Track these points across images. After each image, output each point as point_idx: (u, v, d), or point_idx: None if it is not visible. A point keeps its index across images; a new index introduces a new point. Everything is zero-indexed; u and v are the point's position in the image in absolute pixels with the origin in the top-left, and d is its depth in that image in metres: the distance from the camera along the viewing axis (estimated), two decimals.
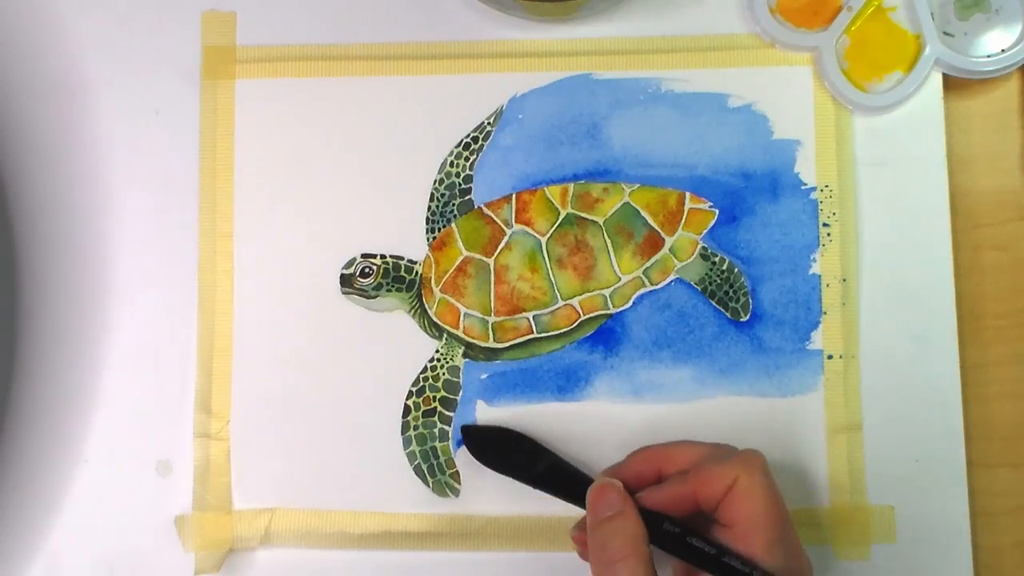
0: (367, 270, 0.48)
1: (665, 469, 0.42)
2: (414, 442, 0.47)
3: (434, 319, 0.48)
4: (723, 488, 0.39)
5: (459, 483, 0.47)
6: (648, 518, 0.40)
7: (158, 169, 0.49)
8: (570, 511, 0.44)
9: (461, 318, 0.48)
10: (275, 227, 0.48)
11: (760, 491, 0.39)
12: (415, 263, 0.48)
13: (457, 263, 0.48)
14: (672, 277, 0.47)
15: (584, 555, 0.42)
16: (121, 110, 0.49)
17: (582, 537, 0.42)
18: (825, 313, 0.47)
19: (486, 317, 0.48)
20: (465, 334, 0.48)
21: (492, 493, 0.47)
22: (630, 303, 0.47)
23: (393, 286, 0.48)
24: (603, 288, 0.47)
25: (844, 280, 0.47)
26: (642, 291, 0.47)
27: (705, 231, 0.48)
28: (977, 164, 0.48)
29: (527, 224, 0.48)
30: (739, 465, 0.39)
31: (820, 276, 0.47)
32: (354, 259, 0.48)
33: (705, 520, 0.41)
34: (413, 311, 0.48)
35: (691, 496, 0.40)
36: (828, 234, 0.47)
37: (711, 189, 0.48)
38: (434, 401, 0.47)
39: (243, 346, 0.48)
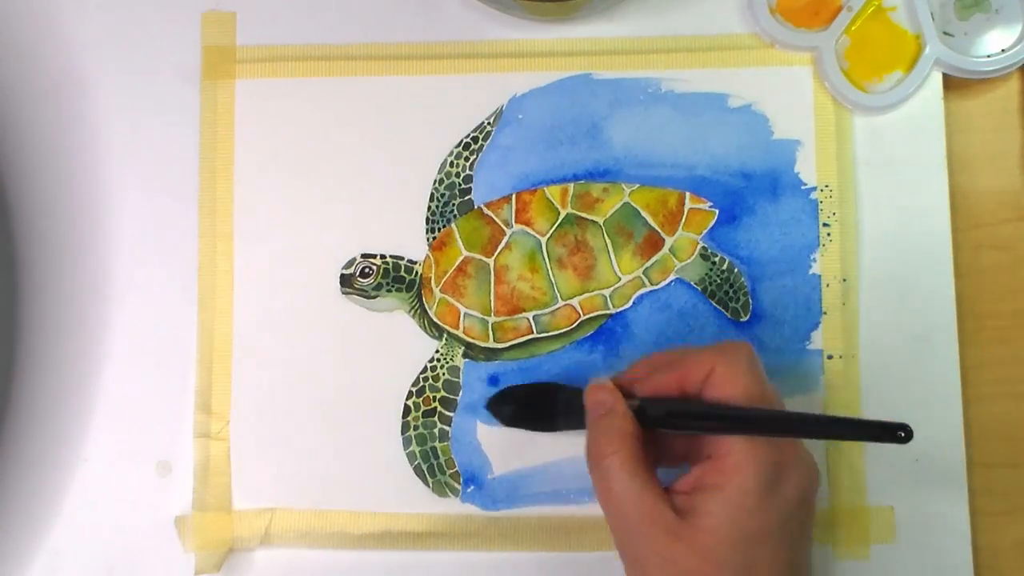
0: (367, 270, 0.48)
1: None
2: (414, 442, 0.47)
3: (434, 319, 0.48)
4: (702, 373, 0.40)
5: (459, 483, 0.47)
6: (647, 409, 0.41)
7: (158, 169, 0.49)
8: (569, 511, 0.45)
9: (461, 318, 0.48)
10: (275, 227, 0.48)
11: (739, 376, 0.39)
12: (415, 263, 0.48)
13: (457, 263, 0.48)
14: (672, 277, 0.47)
15: None
16: (121, 110, 0.49)
17: None
18: (825, 313, 0.47)
19: (486, 317, 0.48)
20: (465, 334, 0.48)
21: (492, 493, 0.47)
22: (630, 303, 0.47)
23: (393, 286, 0.48)
24: (603, 288, 0.47)
25: (844, 280, 0.47)
26: (642, 291, 0.47)
27: (705, 231, 0.48)
28: (977, 164, 0.48)
29: (527, 224, 0.48)
30: (718, 351, 0.40)
31: (820, 276, 0.47)
32: (354, 259, 0.48)
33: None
34: (413, 311, 0.48)
35: (676, 383, 0.41)
36: (828, 234, 0.47)
37: (711, 189, 0.48)
38: (434, 401, 0.47)
39: (243, 346, 0.48)
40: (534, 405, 0.45)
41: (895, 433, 0.38)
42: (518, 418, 0.45)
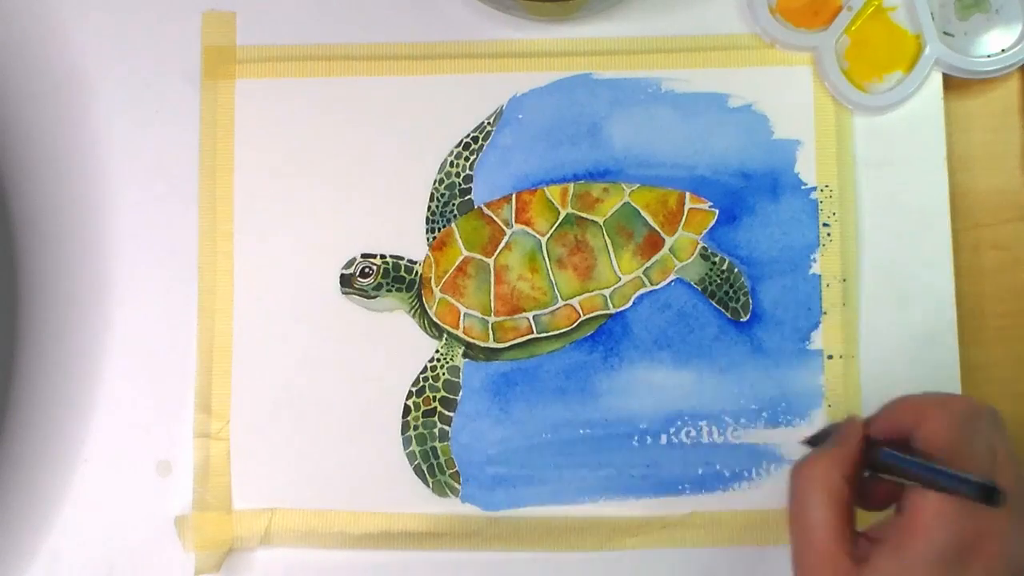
0: (367, 270, 0.48)
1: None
2: (414, 442, 0.47)
3: (434, 319, 0.48)
4: (915, 421, 0.36)
5: (459, 483, 0.47)
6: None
7: (158, 169, 0.49)
8: (569, 511, 0.45)
9: (461, 318, 0.48)
10: (275, 227, 0.48)
11: (947, 429, 0.36)
12: (415, 263, 0.48)
13: (457, 263, 0.48)
14: (672, 277, 0.47)
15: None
16: (121, 110, 0.49)
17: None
18: (825, 313, 0.47)
19: (486, 317, 0.48)
20: (465, 334, 0.48)
21: (492, 493, 0.47)
22: (630, 303, 0.47)
23: (393, 286, 0.48)
24: (603, 288, 0.47)
25: (844, 280, 0.47)
26: (642, 291, 0.47)
27: (705, 231, 0.48)
28: (977, 164, 0.48)
29: (527, 224, 0.48)
30: (932, 401, 0.37)
31: (820, 276, 0.47)
32: (354, 259, 0.48)
33: None
34: (413, 311, 0.48)
35: (901, 428, 0.37)
36: (828, 234, 0.47)
37: (711, 189, 0.48)
38: (434, 401, 0.47)
39: (243, 346, 0.48)
40: None
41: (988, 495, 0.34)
42: None
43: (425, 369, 0.47)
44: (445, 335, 0.48)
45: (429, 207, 0.48)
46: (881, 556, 0.35)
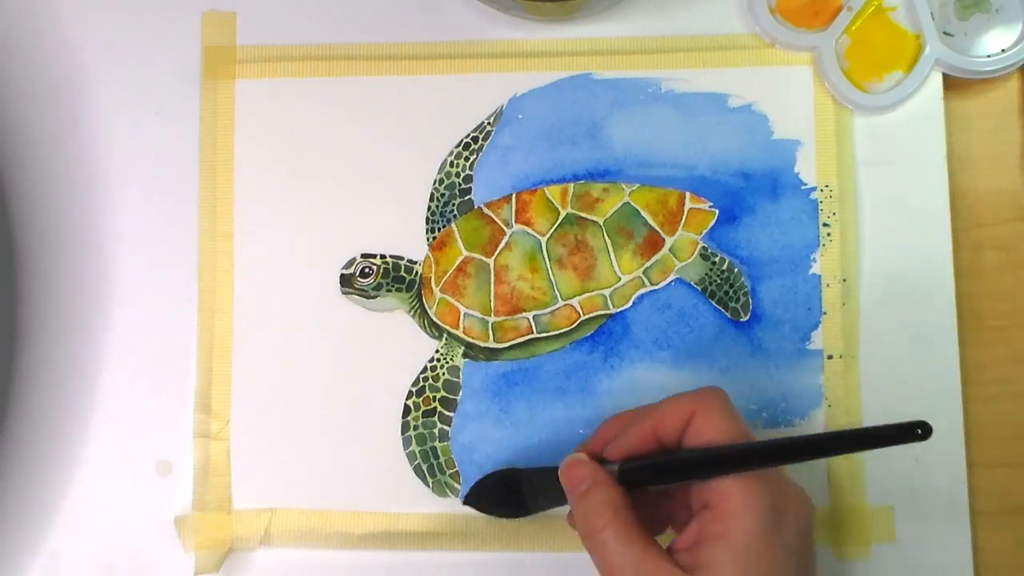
0: (367, 270, 0.48)
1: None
2: (414, 442, 0.47)
3: (434, 319, 0.48)
4: (680, 421, 0.39)
5: (459, 483, 0.47)
6: (630, 471, 0.39)
7: (158, 169, 0.49)
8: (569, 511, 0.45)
9: (461, 318, 0.48)
10: (275, 227, 0.48)
11: (722, 419, 0.38)
12: (415, 263, 0.48)
13: (457, 263, 0.48)
14: (672, 277, 0.47)
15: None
16: (121, 110, 0.49)
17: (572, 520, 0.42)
18: (825, 313, 0.47)
19: (486, 317, 0.48)
20: (465, 334, 0.48)
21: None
22: (630, 303, 0.47)
23: (393, 286, 0.48)
24: (603, 288, 0.47)
25: (844, 280, 0.47)
26: (642, 291, 0.47)
27: (705, 231, 0.48)
28: (977, 164, 0.48)
29: (527, 224, 0.48)
30: (693, 398, 0.39)
31: (820, 276, 0.47)
32: (354, 259, 0.48)
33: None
34: (413, 311, 0.48)
35: (652, 434, 0.39)
36: (828, 234, 0.47)
37: (711, 189, 0.48)
38: (434, 401, 0.47)
39: (243, 346, 0.48)
40: (506, 493, 0.45)
41: (913, 431, 0.35)
42: (493, 508, 0.46)
43: (425, 369, 0.47)
44: (445, 335, 0.48)
45: (429, 207, 0.48)
46: (714, 551, 0.36)
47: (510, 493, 0.45)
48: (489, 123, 0.48)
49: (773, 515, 0.37)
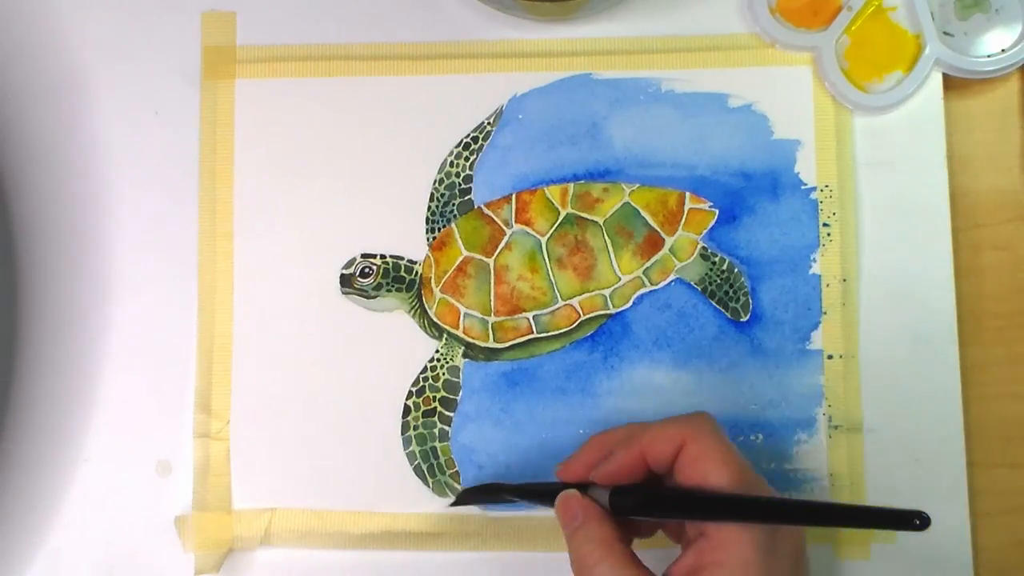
0: (367, 270, 0.48)
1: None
2: (414, 442, 0.47)
3: (434, 319, 0.48)
4: (671, 447, 0.38)
5: (459, 483, 0.47)
6: (618, 501, 0.39)
7: (158, 169, 0.49)
8: None
9: (461, 318, 0.48)
10: (275, 227, 0.48)
11: (714, 451, 0.38)
12: (415, 263, 0.48)
13: (457, 263, 0.48)
14: (672, 277, 0.47)
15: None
16: (121, 110, 0.49)
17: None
18: (825, 313, 0.47)
19: (486, 317, 0.48)
20: (465, 334, 0.48)
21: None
22: (630, 303, 0.47)
23: (393, 286, 0.48)
24: (603, 288, 0.47)
25: (844, 280, 0.47)
26: (642, 291, 0.47)
27: (705, 231, 0.48)
28: (977, 164, 0.48)
29: (527, 224, 0.48)
30: (684, 424, 0.39)
31: (820, 276, 0.47)
32: (354, 259, 0.48)
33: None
34: (413, 311, 0.48)
35: (640, 460, 0.39)
36: (828, 234, 0.47)
37: (711, 189, 0.48)
38: (434, 401, 0.47)
39: (243, 346, 0.48)
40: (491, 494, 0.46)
41: (911, 521, 0.34)
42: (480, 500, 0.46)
43: (425, 369, 0.47)
44: (445, 335, 0.48)
45: (429, 207, 0.48)
46: None
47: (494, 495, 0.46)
48: (489, 123, 0.48)
49: (769, 543, 0.37)
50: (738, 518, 0.37)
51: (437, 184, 0.48)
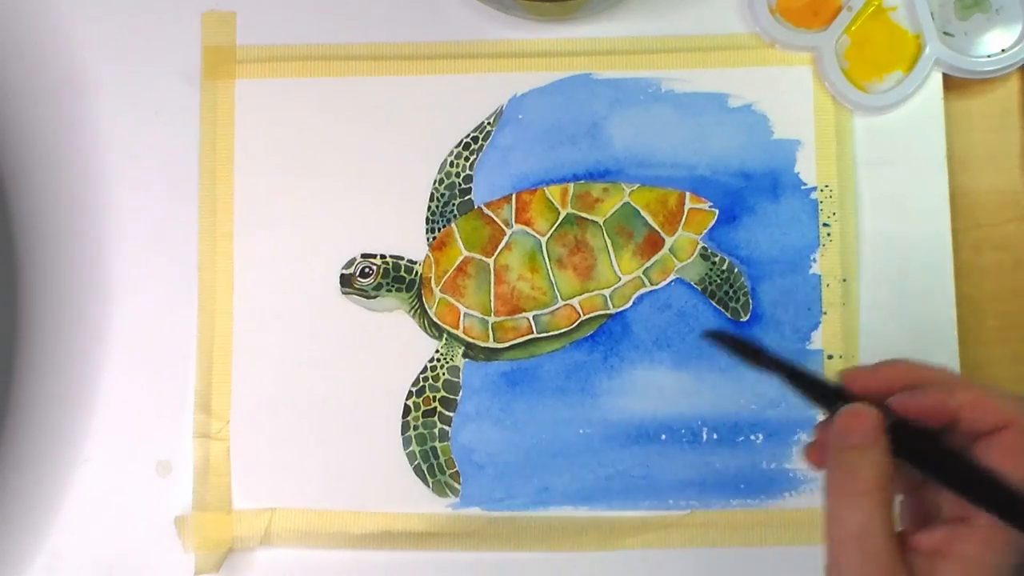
0: (367, 270, 0.48)
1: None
2: (414, 442, 0.47)
3: (434, 319, 0.48)
4: (995, 419, 0.33)
5: (459, 483, 0.47)
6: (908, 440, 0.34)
7: (158, 169, 0.49)
8: (569, 511, 0.45)
9: (461, 318, 0.48)
10: (275, 227, 0.48)
11: None
12: (415, 263, 0.48)
13: (457, 263, 0.48)
14: (672, 277, 0.47)
15: (815, 463, 0.37)
16: (121, 110, 0.49)
17: (815, 453, 0.37)
18: (825, 313, 0.47)
19: (486, 317, 0.48)
20: (465, 334, 0.48)
21: (492, 493, 0.47)
22: (630, 303, 0.47)
23: (393, 286, 0.48)
24: (603, 288, 0.47)
25: (844, 280, 0.47)
26: (642, 291, 0.47)
27: (705, 231, 0.48)
28: (977, 164, 0.48)
29: (527, 224, 0.48)
30: (1019, 406, 0.33)
31: (820, 276, 0.47)
32: (354, 259, 0.48)
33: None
34: (413, 311, 0.48)
35: (951, 413, 0.34)
36: (828, 234, 0.47)
37: (711, 189, 0.48)
38: (434, 401, 0.47)
39: (243, 346, 0.48)
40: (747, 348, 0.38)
41: None
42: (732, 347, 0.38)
43: (425, 369, 0.47)
44: (445, 335, 0.48)
45: (429, 207, 0.48)
46: (950, 572, 0.33)
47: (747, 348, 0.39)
48: (489, 123, 0.48)
49: (1020, 556, 0.33)
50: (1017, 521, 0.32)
51: (437, 184, 0.48)
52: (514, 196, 0.48)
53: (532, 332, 0.47)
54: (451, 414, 0.47)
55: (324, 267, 0.48)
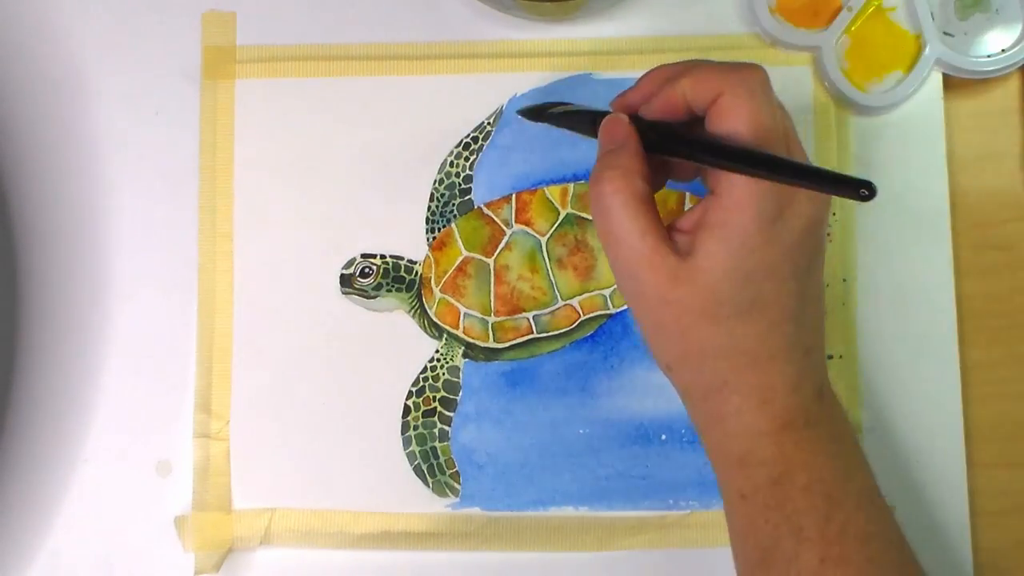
0: (367, 270, 0.48)
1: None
2: (414, 442, 0.47)
3: (434, 319, 0.48)
4: (710, 94, 0.36)
5: (459, 483, 0.47)
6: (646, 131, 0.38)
7: (158, 169, 0.49)
8: (569, 511, 0.45)
9: (461, 318, 0.48)
10: (275, 227, 0.48)
11: (744, 106, 0.35)
12: (415, 263, 0.48)
13: (457, 263, 0.48)
14: None
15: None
16: (121, 110, 0.49)
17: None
18: (825, 313, 0.47)
19: (486, 317, 0.48)
20: (465, 334, 0.48)
21: (492, 493, 0.47)
22: None
23: (393, 286, 0.48)
24: (603, 288, 0.47)
25: (844, 280, 0.47)
26: None
27: None
28: (977, 164, 0.48)
29: (527, 224, 0.48)
30: (730, 74, 0.36)
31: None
32: (354, 259, 0.48)
33: None
34: (413, 311, 0.48)
35: (682, 99, 0.37)
36: (828, 234, 0.47)
37: None
38: (434, 401, 0.47)
39: (243, 346, 0.48)
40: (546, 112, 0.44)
41: (857, 190, 0.33)
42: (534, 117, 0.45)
43: (425, 369, 0.47)
44: (445, 335, 0.48)
45: (429, 207, 0.48)
46: (709, 239, 0.36)
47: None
48: (489, 123, 0.48)
49: (773, 212, 0.36)
50: (717, 159, 0.36)
51: (437, 184, 0.48)
52: (514, 196, 0.48)
53: (532, 332, 0.47)
54: (451, 414, 0.47)
55: (324, 267, 0.48)
